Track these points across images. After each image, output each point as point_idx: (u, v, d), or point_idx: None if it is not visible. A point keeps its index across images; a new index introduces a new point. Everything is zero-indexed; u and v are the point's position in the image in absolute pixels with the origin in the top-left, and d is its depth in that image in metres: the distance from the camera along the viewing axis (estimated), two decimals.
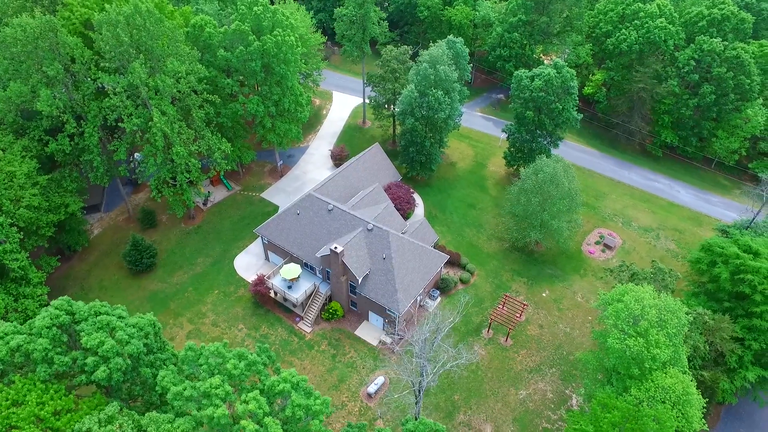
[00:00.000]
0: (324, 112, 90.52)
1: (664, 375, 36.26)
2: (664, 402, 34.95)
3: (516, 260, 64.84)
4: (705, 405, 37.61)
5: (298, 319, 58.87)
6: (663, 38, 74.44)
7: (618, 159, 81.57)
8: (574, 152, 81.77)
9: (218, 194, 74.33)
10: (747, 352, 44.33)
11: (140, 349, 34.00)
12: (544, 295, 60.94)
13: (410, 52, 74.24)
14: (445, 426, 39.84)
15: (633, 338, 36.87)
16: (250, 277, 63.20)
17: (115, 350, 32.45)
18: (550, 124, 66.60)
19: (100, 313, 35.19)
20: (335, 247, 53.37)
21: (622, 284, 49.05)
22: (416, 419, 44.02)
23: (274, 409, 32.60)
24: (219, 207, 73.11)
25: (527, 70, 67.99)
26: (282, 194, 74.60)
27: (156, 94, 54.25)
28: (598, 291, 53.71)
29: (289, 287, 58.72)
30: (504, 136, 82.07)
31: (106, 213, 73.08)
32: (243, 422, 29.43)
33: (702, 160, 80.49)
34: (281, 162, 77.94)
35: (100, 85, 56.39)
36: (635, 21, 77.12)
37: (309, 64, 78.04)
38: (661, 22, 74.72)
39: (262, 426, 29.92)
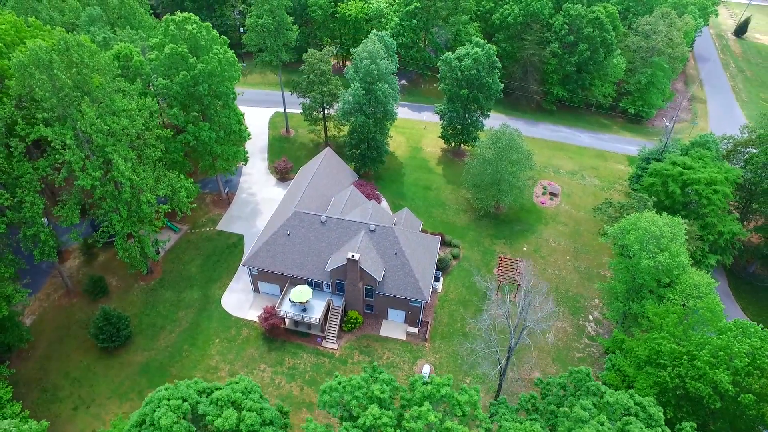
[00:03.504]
0: None
1: (689, 276, 44.52)
2: (700, 297, 43.07)
3: (488, 226, 70.52)
4: None
5: (319, 339, 56.82)
6: (540, 9, 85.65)
7: (523, 119, 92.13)
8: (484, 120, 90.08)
9: (165, 239, 66.31)
10: (705, 245, 55.92)
11: (275, 413, 30.95)
12: (524, 249, 67.72)
13: (334, 52, 74.03)
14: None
15: (660, 254, 44.36)
16: (249, 314, 58.77)
17: (259, 422, 29.15)
18: (483, 97, 72.88)
19: (206, 390, 31.04)
20: (352, 255, 52.68)
21: (611, 218, 57.58)
22: (501, 385, 47.02)
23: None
24: (174, 252, 65.55)
25: (451, 53, 73.01)
26: (239, 222, 69.57)
27: (109, 139, 46.69)
28: (603, 227, 61.31)
29: (304, 310, 56.24)
30: (426, 118, 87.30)
31: (31, 295, 60.43)
32: None
33: (584, 106, 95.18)
34: (227, 189, 72.28)
35: (29, 142, 46.23)
36: None
37: None
38: None
39: None
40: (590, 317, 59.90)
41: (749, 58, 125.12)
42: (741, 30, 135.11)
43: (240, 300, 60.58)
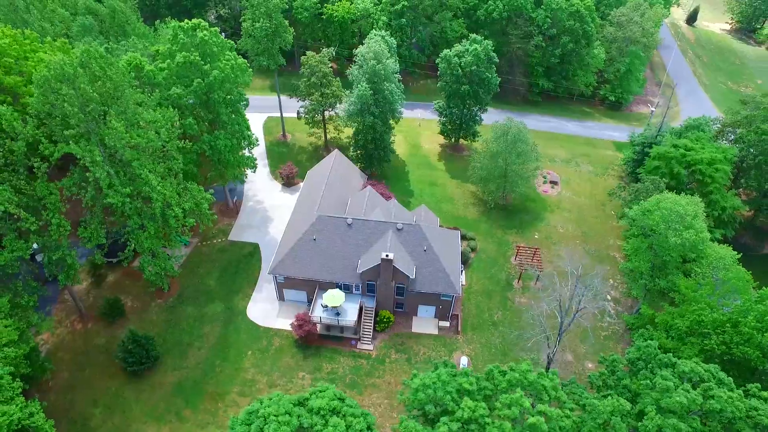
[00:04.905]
0: None
1: (713, 250, 47.54)
2: (726, 268, 46.06)
3: (498, 217, 72.27)
4: None
5: (353, 342, 56.70)
6: (523, 3, 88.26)
7: (512, 111, 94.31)
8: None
9: (181, 254, 64.19)
10: (710, 220, 59.65)
11: (374, 417, 30.98)
12: (536, 237, 69.89)
13: (333, 53, 73.69)
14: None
15: (686, 231, 47.10)
16: (278, 323, 57.83)
17: (365, 426, 29.13)
18: (483, 92, 74.52)
19: (299, 402, 30.74)
20: (386, 255, 52.94)
21: (625, 201, 60.35)
22: (548, 368, 48.55)
23: None
24: (188, 267, 63.49)
25: (449, 50, 74.18)
26: (251, 231, 68.16)
27: (134, 152, 44.79)
28: (621, 210, 63.66)
29: (338, 314, 55.96)
30: (420, 115, 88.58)
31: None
32: (532, 419, 30.16)
33: (566, 96, 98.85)
34: (235, 198, 70.63)
35: (53, 161, 43.67)
36: None
37: None
38: None
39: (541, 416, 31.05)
40: (608, 297, 62.62)
41: (703, 45, 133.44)
42: (692, 18, 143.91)
43: (266, 309, 59.47)
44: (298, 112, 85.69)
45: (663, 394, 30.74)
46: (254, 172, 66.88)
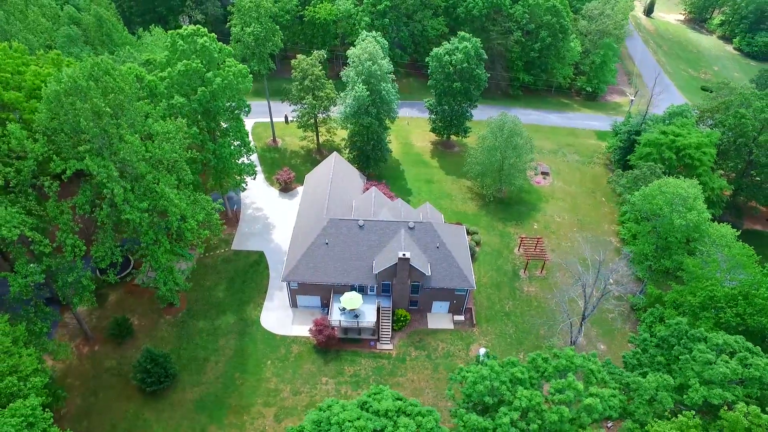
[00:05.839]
0: None
1: (714, 229, 50.27)
2: (728, 245, 48.83)
3: (497, 210, 73.79)
4: None
5: (372, 343, 56.80)
6: (502, 0, 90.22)
7: (494, 106, 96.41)
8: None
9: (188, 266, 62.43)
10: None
11: (438, 414, 31.37)
12: (535, 227, 71.78)
13: (324, 56, 73.27)
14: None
15: (689, 213, 49.65)
16: (294, 330, 57.26)
17: (435, 424, 29.47)
18: (474, 89, 75.85)
19: (360, 406, 30.78)
20: (403, 254, 53.29)
21: (623, 187, 62.78)
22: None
23: None
24: (195, 280, 61.69)
25: (439, 48, 75.08)
26: (254, 239, 67.05)
27: (147, 166, 43.44)
28: (623, 196, 65.93)
29: (356, 316, 55.91)
30: (407, 114, 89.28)
31: None
32: (587, 400, 31.24)
33: (545, 89, 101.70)
34: (234, 206, 69.23)
35: (65, 179, 41.73)
36: None
37: None
38: None
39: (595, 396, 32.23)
40: (610, 280, 64.93)
41: (662, 35, 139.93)
42: (649, 10, 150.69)
43: (280, 317, 58.74)
44: (285, 117, 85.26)
45: (704, 367, 32.52)
46: (254, 179, 65.75)
